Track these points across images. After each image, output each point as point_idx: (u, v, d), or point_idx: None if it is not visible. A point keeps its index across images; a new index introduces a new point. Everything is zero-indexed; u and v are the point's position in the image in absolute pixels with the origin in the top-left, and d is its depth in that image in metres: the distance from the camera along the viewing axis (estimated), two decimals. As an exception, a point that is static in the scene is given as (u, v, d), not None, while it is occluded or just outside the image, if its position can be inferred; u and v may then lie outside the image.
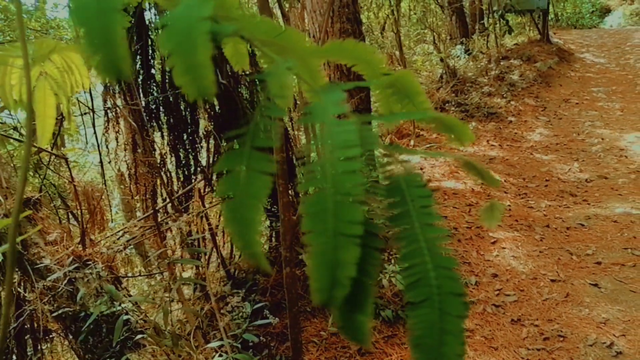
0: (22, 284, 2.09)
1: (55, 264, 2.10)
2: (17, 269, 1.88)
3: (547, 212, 4.46)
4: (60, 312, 1.91)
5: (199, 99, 0.29)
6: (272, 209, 3.25)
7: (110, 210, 3.62)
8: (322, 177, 0.30)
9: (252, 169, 0.31)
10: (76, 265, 2.00)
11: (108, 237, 2.92)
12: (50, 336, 2.56)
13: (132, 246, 3.51)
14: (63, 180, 3.67)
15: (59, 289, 1.97)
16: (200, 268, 3.12)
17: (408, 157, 0.38)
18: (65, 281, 1.97)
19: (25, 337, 2.23)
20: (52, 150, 3.25)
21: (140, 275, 3.07)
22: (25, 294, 2.22)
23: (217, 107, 3.45)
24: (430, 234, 0.31)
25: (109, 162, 3.98)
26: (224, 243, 3.36)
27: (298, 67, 0.35)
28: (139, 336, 2.03)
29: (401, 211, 0.32)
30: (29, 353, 2.29)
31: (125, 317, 1.99)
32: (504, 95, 7.33)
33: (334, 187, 0.30)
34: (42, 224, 2.19)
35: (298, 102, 2.52)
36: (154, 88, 3.42)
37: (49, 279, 1.98)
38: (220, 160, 0.33)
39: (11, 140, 3.31)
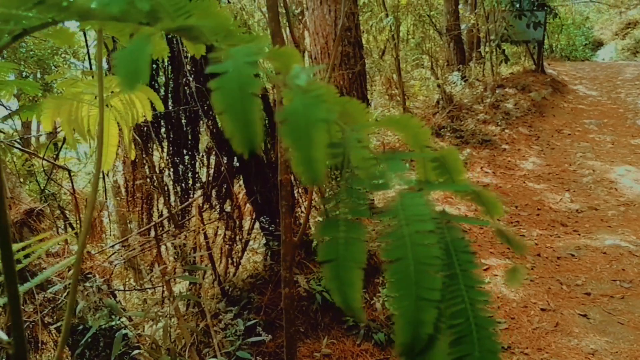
0: (22, 295, 2.10)
1: (55, 276, 2.12)
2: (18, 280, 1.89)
3: (538, 241, 4.53)
4: (59, 324, 1.93)
5: (310, 185, 0.35)
6: (270, 228, 3.28)
7: (110, 223, 3.63)
8: (402, 248, 0.35)
9: (349, 237, 0.36)
10: (80, 278, 2.02)
11: (106, 250, 2.94)
12: (42, 348, 2.56)
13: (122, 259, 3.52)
14: (58, 188, 3.68)
15: (59, 302, 1.98)
16: (195, 284, 3.13)
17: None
18: (65, 293, 1.99)
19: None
20: (55, 160, 3.28)
21: (136, 289, 3.07)
22: (24, 306, 2.23)
23: (219, 124, 3.50)
24: (473, 295, 0.37)
25: (107, 174, 4.00)
26: (220, 260, 3.38)
27: (363, 136, 0.40)
28: (136, 351, 2.04)
29: (450, 274, 0.37)
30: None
31: (123, 332, 2.01)
32: (499, 123, 7.47)
33: (414, 258, 0.34)
34: (42, 233, 2.21)
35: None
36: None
37: (49, 290, 2.00)
38: (320, 228, 0.37)
39: (14, 150, 3.34)
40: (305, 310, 3.27)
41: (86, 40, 2.87)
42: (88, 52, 2.92)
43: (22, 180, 3.62)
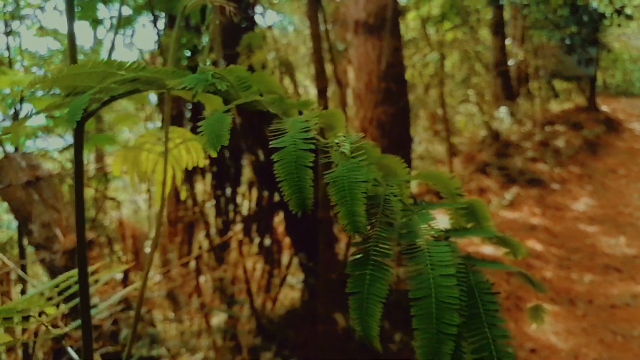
0: (66, 320, 2.18)
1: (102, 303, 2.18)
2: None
3: (590, 287, 4.30)
4: (103, 351, 1.98)
5: (353, 234, 0.44)
6: (308, 264, 3.28)
7: (154, 254, 3.72)
8: (426, 288, 0.42)
9: (375, 275, 0.43)
10: (123, 306, 2.08)
11: (149, 279, 3.01)
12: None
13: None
14: (106, 218, 3.84)
15: (104, 328, 2.04)
16: (232, 317, 3.15)
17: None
18: (111, 321, 2.05)
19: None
20: (105, 191, 3.43)
21: (175, 320, 3.12)
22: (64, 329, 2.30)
23: (261, 158, 3.57)
24: (495, 332, 0.43)
25: (150, 206, 4.14)
26: (258, 294, 3.40)
27: (397, 190, 0.49)
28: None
29: (473, 313, 0.43)
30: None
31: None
32: (548, 162, 7.24)
33: (436, 297, 0.41)
34: (93, 263, 2.30)
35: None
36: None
37: (96, 317, 2.06)
38: (351, 265, 0.45)
39: (69, 179, 3.52)
40: (342, 349, 3.21)
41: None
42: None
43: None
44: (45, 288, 0.75)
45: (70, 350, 0.74)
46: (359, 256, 0.45)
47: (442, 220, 0.54)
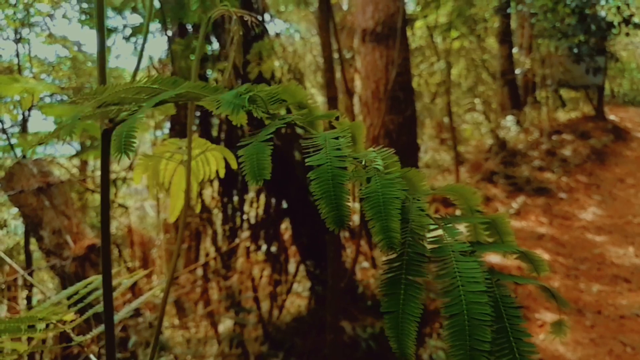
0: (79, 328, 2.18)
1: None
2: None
3: (598, 298, 4.26)
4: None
5: (388, 250, 0.44)
6: (315, 272, 3.28)
7: (160, 260, 3.74)
8: (458, 305, 0.42)
9: (408, 294, 0.44)
10: (132, 313, 2.08)
11: (156, 286, 3.02)
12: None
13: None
14: (115, 224, 3.84)
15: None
16: (239, 324, 3.14)
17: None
18: (120, 328, 2.05)
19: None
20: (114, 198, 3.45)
21: (181, 327, 3.12)
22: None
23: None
24: (521, 346, 0.43)
25: (158, 213, 4.14)
26: (265, 301, 3.39)
27: (424, 205, 0.49)
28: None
29: (499, 327, 0.44)
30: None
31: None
32: (555, 171, 7.21)
33: (468, 314, 0.42)
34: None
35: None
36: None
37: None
38: (385, 285, 0.45)
39: (76, 185, 3.54)
40: (350, 357, 3.19)
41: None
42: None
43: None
44: (64, 296, 0.76)
45: (92, 357, 0.75)
46: (392, 275, 0.45)
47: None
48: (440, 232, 0.48)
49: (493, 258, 4.86)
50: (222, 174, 0.98)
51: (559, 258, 5.03)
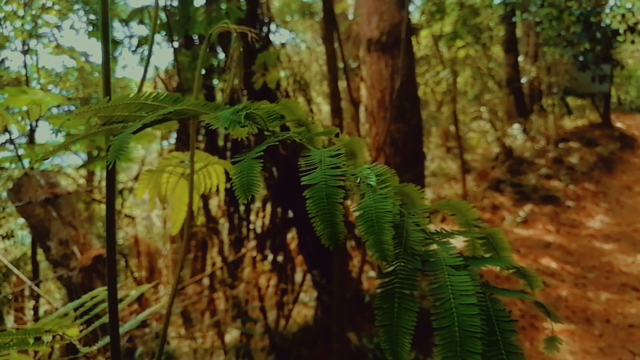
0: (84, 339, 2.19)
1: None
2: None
3: (607, 306, 4.22)
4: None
5: (381, 262, 0.45)
6: (322, 282, 3.27)
7: (166, 270, 3.75)
8: (450, 317, 0.43)
9: (401, 307, 0.45)
10: (138, 324, 2.09)
11: (163, 299, 3.02)
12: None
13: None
14: (122, 234, 3.86)
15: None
16: (245, 334, 3.14)
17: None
18: (127, 338, 2.06)
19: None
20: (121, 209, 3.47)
21: (188, 337, 3.12)
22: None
23: (275, 175, 3.58)
24: (512, 358, 0.44)
25: (164, 223, 4.16)
26: (271, 311, 3.38)
27: (419, 220, 0.50)
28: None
29: (492, 340, 0.45)
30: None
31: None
32: (562, 179, 7.17)
33: (459, 326, 0.42)
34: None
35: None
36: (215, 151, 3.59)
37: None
38: (379, 299, 0.46)
39: (83, 196, 3.57)
40: (355, 368, 3.18)
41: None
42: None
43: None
44: (70, 307, 0.77)
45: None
46: (386, 289, 0.46)
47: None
48: (435, 246, 0.49)
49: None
50: (222, 188, 1.00)
51: (567, 266, 4.99)
